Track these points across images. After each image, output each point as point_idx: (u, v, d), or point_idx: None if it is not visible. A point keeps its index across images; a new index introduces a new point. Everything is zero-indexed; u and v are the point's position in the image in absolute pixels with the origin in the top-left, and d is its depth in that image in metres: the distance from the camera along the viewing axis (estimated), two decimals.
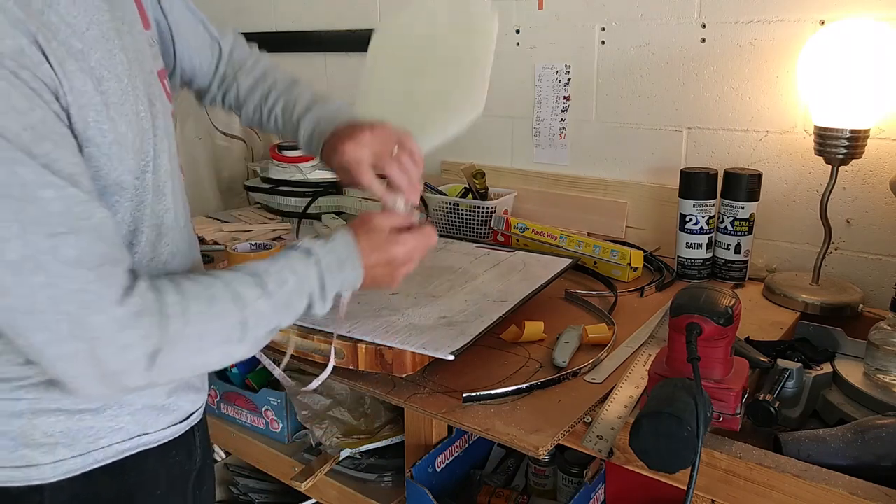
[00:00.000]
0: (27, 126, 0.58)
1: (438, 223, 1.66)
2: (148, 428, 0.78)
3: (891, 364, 0.98)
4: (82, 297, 0.60)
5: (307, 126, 0.96)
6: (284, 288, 0.73)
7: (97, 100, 0.64)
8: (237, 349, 0.71)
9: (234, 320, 0.69)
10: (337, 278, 0.78)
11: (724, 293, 0.80)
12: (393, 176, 0.88)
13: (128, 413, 0.76)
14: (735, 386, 0.79)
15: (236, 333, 0.70)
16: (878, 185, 1.25)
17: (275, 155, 1.80)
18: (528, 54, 1.64)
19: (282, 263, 0.75)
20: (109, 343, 0.61)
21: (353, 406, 1.30)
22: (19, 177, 0.57)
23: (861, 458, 0.79)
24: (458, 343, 0.94)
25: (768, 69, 1.33)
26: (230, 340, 0.70)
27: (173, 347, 0.65)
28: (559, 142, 1.64)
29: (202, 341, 0.67)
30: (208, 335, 0.68)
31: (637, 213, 1.55)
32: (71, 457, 0.73)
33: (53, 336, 0.60)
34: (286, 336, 1.02)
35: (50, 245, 0.59)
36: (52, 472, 0.72)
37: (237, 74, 1.02)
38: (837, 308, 1.19)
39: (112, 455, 0.75)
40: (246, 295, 0.70)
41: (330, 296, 0.78)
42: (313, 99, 0.99)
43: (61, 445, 0.72)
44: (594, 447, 0.84)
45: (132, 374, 0.64)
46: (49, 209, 0.59)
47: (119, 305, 0.61)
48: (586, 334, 1.06)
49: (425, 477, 1.07)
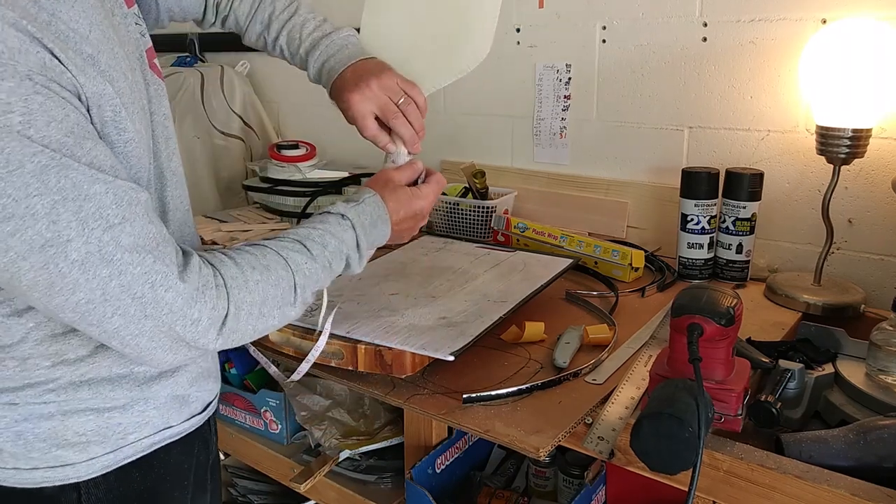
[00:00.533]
0: (68, 132, 0.60)
1: (438, 223, 1.65)
2: (171, 421, 0.81)
3: (893, 365, 0.97)
4: (149, 279, 0.64)
5: (315, 64, 1.00)
6: (327, 251, 0.79)
7: (116, 101, 0.66)
8: (291, 311, 0.77)
9: (288, 285, 0.75)
10: (371, 236, 0.85)
11: (726, 293, 0.80)
12: (398, 128, 0.92)
13: (153, 407, 0.79)
14: (736, 387, 0.79)
15: (290, 296, 0.75)
16: (881, 185, 1.25)
17: (273, 154, 1.79)
18: (528, 53, 1.63)
19: (322, 229, 0.80)
20: (181, 317, 0.66)
21: (353, 407, 1.30)
22: (71, 180, 0.60)
23: (863, 459, 0.79)
24: (458, 344, 0.93)
25: (770, 68, 1.33)
26: (286, 303, 0.75)
27: (238, 314, 0.70)
28: (560, 141, 1.64)
29: (263, 306, 0.72)
30: (269, 301, 0.73)
31: (638, 213, 1.54)
32: (104, 454, 0.76)
33: (129, 319, 0.64)
34: (285, 336, 1.01)
35: (110, 237, 0.62)
36: (86, 469, 0.75)
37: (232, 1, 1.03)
38: (839, 308, 1.18)
39: (141, 449, 0.79)
40: (296, 260, 0.76)
41: (365, 253, 0.85)
42: (318, 30, 1.01)
43: (93, 443, 0.75)
44: (595, 448, 0.84)
45: (204, 341, 0.69)
46: (102, 203, 0.62)
47: (182, 281, 0.66)
48: (587, 335, 1.06)
49: (425, 478, 1.06)
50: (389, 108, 0.92)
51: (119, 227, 0.62)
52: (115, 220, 0.62)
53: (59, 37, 0.61)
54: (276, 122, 2.22)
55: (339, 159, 2.05)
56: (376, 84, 0.92)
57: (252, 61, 2.20)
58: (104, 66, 0.66)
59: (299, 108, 2.17)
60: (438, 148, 1.86)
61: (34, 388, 0.72)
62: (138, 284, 0.63)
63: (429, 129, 1.92)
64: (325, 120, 2.10)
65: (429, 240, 1.44)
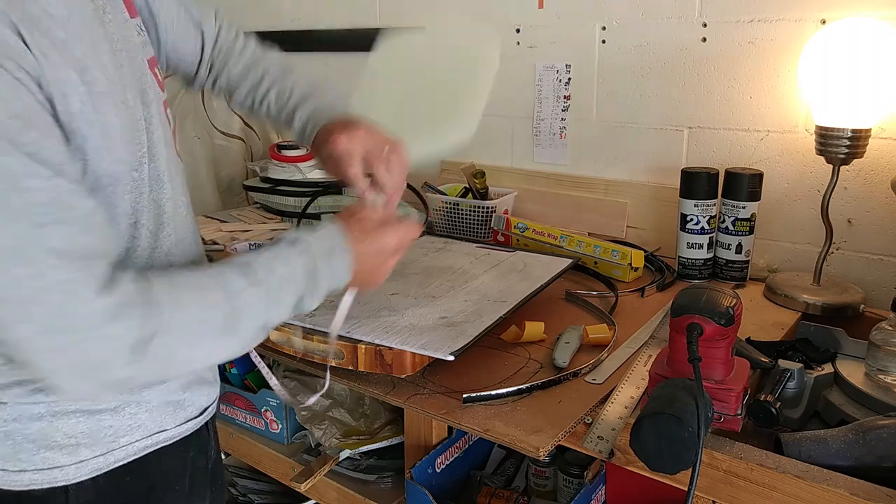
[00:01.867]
0: (13, 115, 0.57)
1: (438, 223, 1.65)
2: (165, 424, 0.79)
3: (892, 364, 0.97)
4: (67, 288, 0.59)
5: (302, 115, 0.96)
6: (273, 277, 0.71)
7: (82, 89, 0.63)
8: (230, 343, 0.70)
9: (226, 310, 0.68)
10: (327, 266, 0.76)
11: (725, 293, 0.80)
12: (380, 175, 0.88)
13: (145, 410, 0.77)
14: (736, 386, 0.79)
15: (230, 325, 0.68)
16: (880, 185, 1.25)
17: (274, 155, 1.79)
18: (528, 53, 1.63)
19: (270, 253, 0.73)
20: (94, 334, 0.60)
21: (353, 407, 1.30)
22: (4, 166, 0.56)
23: (862, 458, 0.79)
24: (458, 343, 0.94)
25: (769, 68, 1.33)
26: (224, 332, 0.68)
27: (168, 334, 0.63)
28: (559, 141, 1.64)
29: (196, 331, 0.66)
30: (203, 324, 0.66)
31: (638, 213, 1.55)
32: (93, 456, 0.74)
33: (37, 328, 0.59)
34: (286, 336, 1.01)
35: (35, 235, 0.58)
36: (76, 472, 0.73)
37: (227, 59, 1.01)
38: (839, 308, 1.19)
39: (133, 453, 0.77)
40: (236, 284, 0.69)
41: (321, 286, 0.75)
42: (309, 89, 0.99)
43: (83, 446, 0.73)
44: (595, 448, 0.84)
45: (114, 366, 0.61)
46: (35, 199, 0.58)
47: (103, 296, 0.60)
48: (587, 335, 1.06)
49: (425, 478, 1.07)
50: (376, 153, 0.88)
51: (48, 227, 0.58)
52: (45, 220, 0.58)
53: (29, 17, 0.59)
54: None
55: None
56: (365, 131, 0.89)
57: None
58: (78, 53, 0.63)
59: None
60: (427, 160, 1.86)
61: (23, 385, 0.70)
62: (55, 292, 0.58)
63: None
64: None
65: (429, 240, 1.44)
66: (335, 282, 0.78)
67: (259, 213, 1.79)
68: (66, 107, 0.62)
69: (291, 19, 2.08)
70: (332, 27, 1.97)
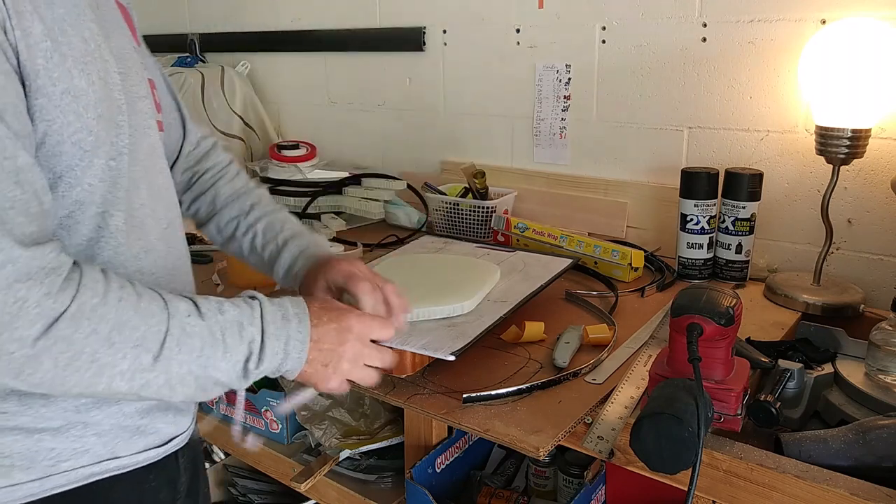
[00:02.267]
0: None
1: (438, 223, 1.66)
2: (118, 451, 0.70)
3: (892, 364, 0.97)
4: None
5: (294, 249, 0.91)
6: (220, 317, 0.65)
7: (47, 45, 0.60)
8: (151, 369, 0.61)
9: (156, 324, 0.61)
10: (281, 331, 0.69)
11: (725, 293, 0.80)
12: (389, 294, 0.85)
13: (93, 433, 0.68)
14: (736, 386, 0.79)
15: (155, 345, 0.61)
16: (880, 185, 1.25)
17: (274, 155, 1.80)
18: (528, 53, 1.64)
19: (221, 299, 0.68)
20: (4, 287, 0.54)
21: (353, 407, 1.30)
22: None
23: (862, 458, 0.79)
24: (458, 343, 0.94)
25: (769, 68, 1.33)
26: (145, 349, 0.60)
27: (78, 320, 0.57)
28: (559, 141, 1.64)
29: (115, 332, 0.59)
30: (125, 330, 0.59)
31: (638, 213, 1.55)
32: (28, 480, 0.66)
33: None
34: None
35: None
36: (5, 496, 0.65)
37: (216, 179, 0.98)
38: (839, 308, 1.19)
39: (76, 480, 0.68)
40: (177, 306, 0.63)
41: (270, 349, 0.68)
42: (302, 227, 0.96)
43: (17, 468, 0.65)
44: (595, 448, 0.84)
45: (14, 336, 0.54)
46: None
47: (21, 249, 0.55)
48: (587, 335, 1.06)
49: (425, 478, 1.06)
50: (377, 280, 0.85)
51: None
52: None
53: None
54: (276, 122, 2.23)
55: (339, 159, 2.05)
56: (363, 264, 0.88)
57: (252, 62, 2.21)
58: (57, 14, 0.61)
59: (299, 109, 2.17)
60: (438, 148, 1.86)
61: None
62: None
63: (429, 129, 1.93)
64: (325, 120, 2.11)
65: (429, 240, 1.44)
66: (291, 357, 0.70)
67: None
68: (31, 59, 0.59)
69: (291, 19, 2.08)
70: (332, 27, 1.97)
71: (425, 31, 1.80)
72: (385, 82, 1.93)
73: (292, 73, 2.15)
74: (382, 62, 1.91)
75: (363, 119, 2.01)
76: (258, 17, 2.16)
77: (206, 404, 1.37)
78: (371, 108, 1.98)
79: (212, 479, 1.54)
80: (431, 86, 1.83)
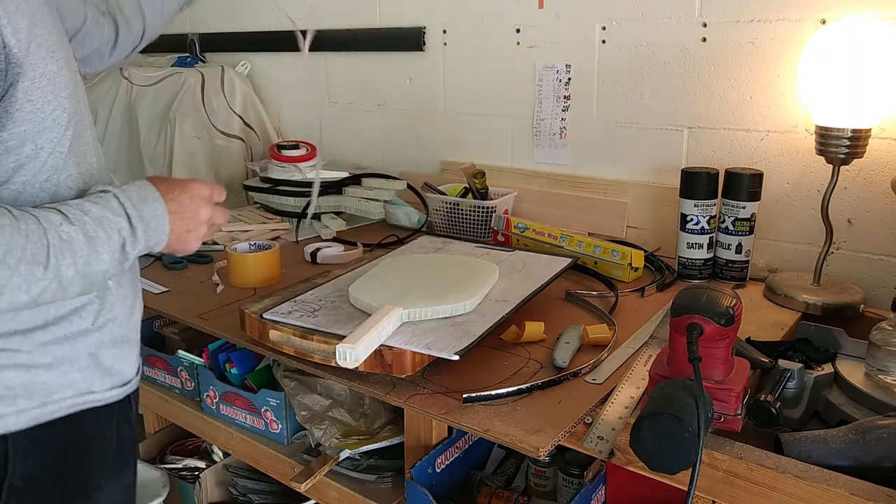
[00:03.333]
0: None
1: (438, 223, 1.66)
2: (93, 387, 0.84)
3: (892, 364, 0.98)
4: None
5: None
6: (87, 217, 0.72)
7: (30, 37, 0.70)
8: (43, 277, 0.69)
9: (39, 242, 0.68)
10: (144, 212, 0.77)
11: (725, 293, 0.80)
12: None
13: (77, 370, 0.82)
14: (736, 386, 0.79)
15: (42, 256, 0.68)
16: (880, 185, 1.25)
17: (274, 155, 1.79)
18: (528, 53, 1.64)
19: (79, 200, 0.75)
20: None
21: (353, 407, 1.30)
22: None
23: (862, 458, 0.79)
24: (462, 343, 0.94)
25: (769, 68, 1.33)
26: (36, 261, 0.68)
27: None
28: (559, 141, 1.64)
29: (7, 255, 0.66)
30: (14, 250, 0.66)
31: (638, 213, 1.55)
32: (31, 407, 0.79)
33: None
34: (286, 336, 1.01)
35: None
36: (15, 421, 0.78)
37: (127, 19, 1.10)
38: (839, 308, 1.19)
39: (66, 408, 0.82)
40: (50, 219, 0.70)
41: (140, 231, 0.76)
42: None
43: (21, 398, 0.78)
44: (595, 448, 0.84)
45: None
46: None
47: None
48: (587, 335, 1.06)
49: (425, 478, 1.06)
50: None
51: None
52: None
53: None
54: (276, 122, 2.23)
55: (339, 159, 2.05)
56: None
57: (252, 62, 2.21)
58: (31, 5, 0.70)
59: (299, 108, 2.17)
60: (438, 148, 1.86)
61: None
62: None
63: (429, 129, 1.93)
64: (325, 120, 2.11)
65: (428, 240, 1.44)
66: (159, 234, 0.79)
67: (259, 213, 1.79)
68: (22, 46, 0.69)
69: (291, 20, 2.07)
70: (332, 27, 1.97)
71: (425, 31, 1.80)
72: (385, 82, 1.93)
73: (292, 73, 2.15)
74: (382, 62, 1.91)
75: (363, 119, 2.01)
76: (258, 17, 2.16)
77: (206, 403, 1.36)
78: (371, 108, 1.98)
79: (212, 479, 1.54)
80: (431, 86, 1.83)
